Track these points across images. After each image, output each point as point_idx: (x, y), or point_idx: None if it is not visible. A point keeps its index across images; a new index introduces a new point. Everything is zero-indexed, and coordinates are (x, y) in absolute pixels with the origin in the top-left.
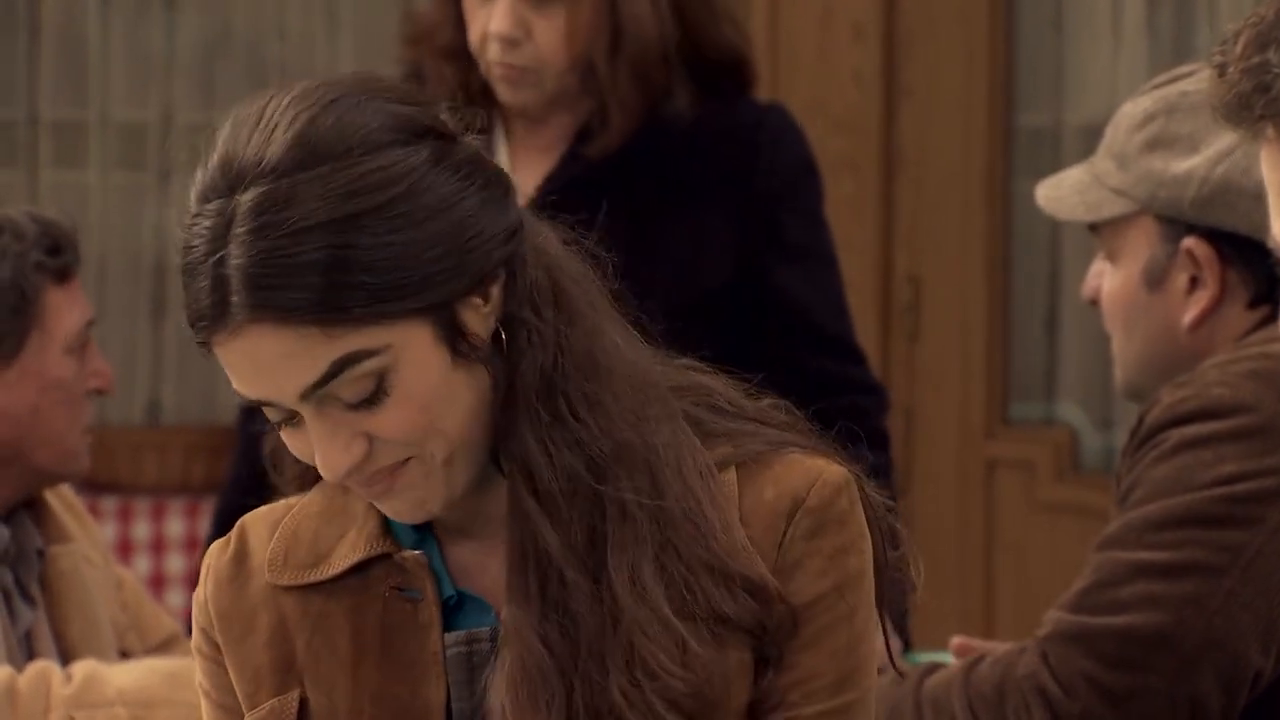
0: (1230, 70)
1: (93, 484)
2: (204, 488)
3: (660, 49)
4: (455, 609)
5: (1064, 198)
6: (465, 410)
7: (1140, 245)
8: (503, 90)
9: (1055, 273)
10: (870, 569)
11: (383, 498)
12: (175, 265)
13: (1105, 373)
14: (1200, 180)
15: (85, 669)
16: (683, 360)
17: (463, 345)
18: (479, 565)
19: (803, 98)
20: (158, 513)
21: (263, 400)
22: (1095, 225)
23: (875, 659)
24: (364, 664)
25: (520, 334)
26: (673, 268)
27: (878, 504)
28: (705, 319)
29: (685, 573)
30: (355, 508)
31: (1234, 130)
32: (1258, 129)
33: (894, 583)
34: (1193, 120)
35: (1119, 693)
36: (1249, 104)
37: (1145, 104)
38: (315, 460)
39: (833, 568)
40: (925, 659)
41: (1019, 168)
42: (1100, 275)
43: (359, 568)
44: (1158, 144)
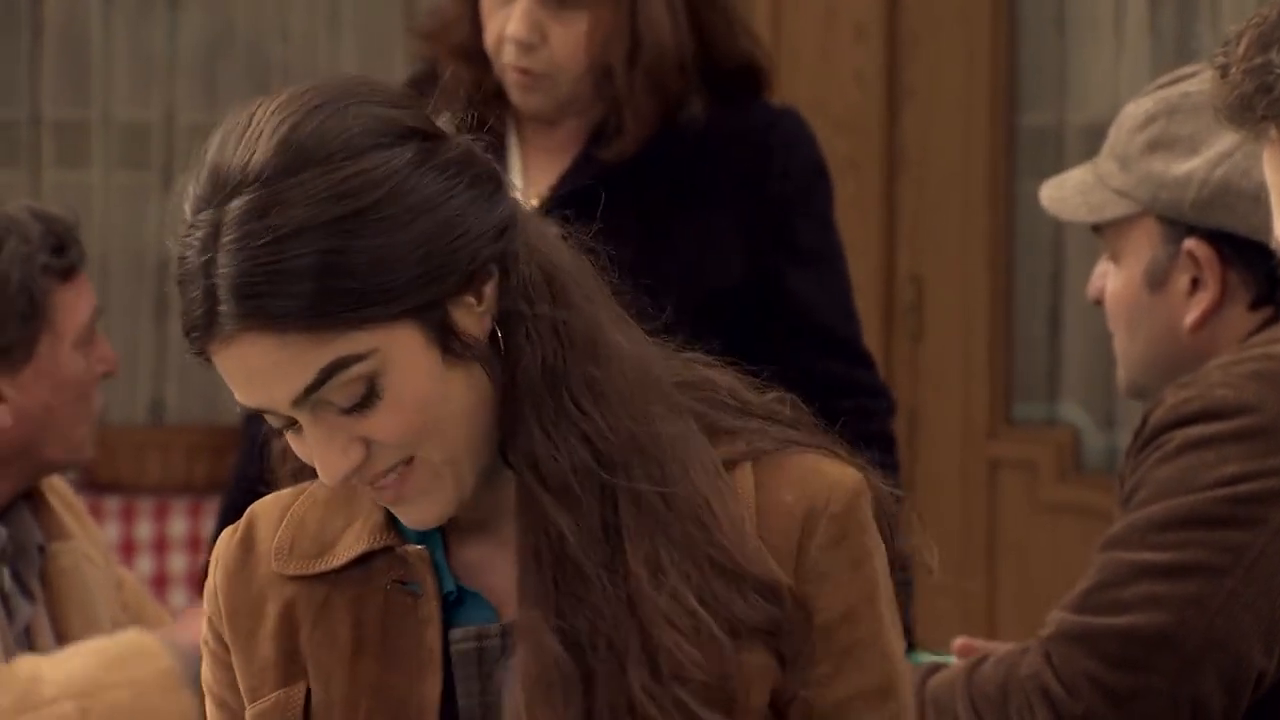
0: (1232, 71)
1: (95, 483)
2: (207, 487)
3: (677, 57)
4: (455, 605)
5: (1067, 198)
6: (462, 410)
7: (1142, 246)
8: (516, 94)
9: (1058, 273)
10: (888, 569)
11: (396, 505)
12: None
13: (1108, 373)
14: (1200, 182)
15: (26, 670)
16: (688, 354)
17: (455, 345)
18: (484, 563)
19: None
20: (160, 512)
21: (259, 408)
22: (1099, 226)
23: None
24: (363, 656)
25: (518, 330)
26: (682, 269)
27: (885, 497)
28: (714, 320)
29: (698, 572)
30: (362, 498)
31: (1236, 131)
32: (1260, 129)
33: (899, 583)
34: (1193, 122)
35: (1122, 693)
36: (1251, 105)
37: (1147, 105)
38: (316, 468)
39: (859, 577)
40: (928, 659)
41: (1021, 168)
42: (1105, 275)
43: (362, 559)
44: (1159, 145)
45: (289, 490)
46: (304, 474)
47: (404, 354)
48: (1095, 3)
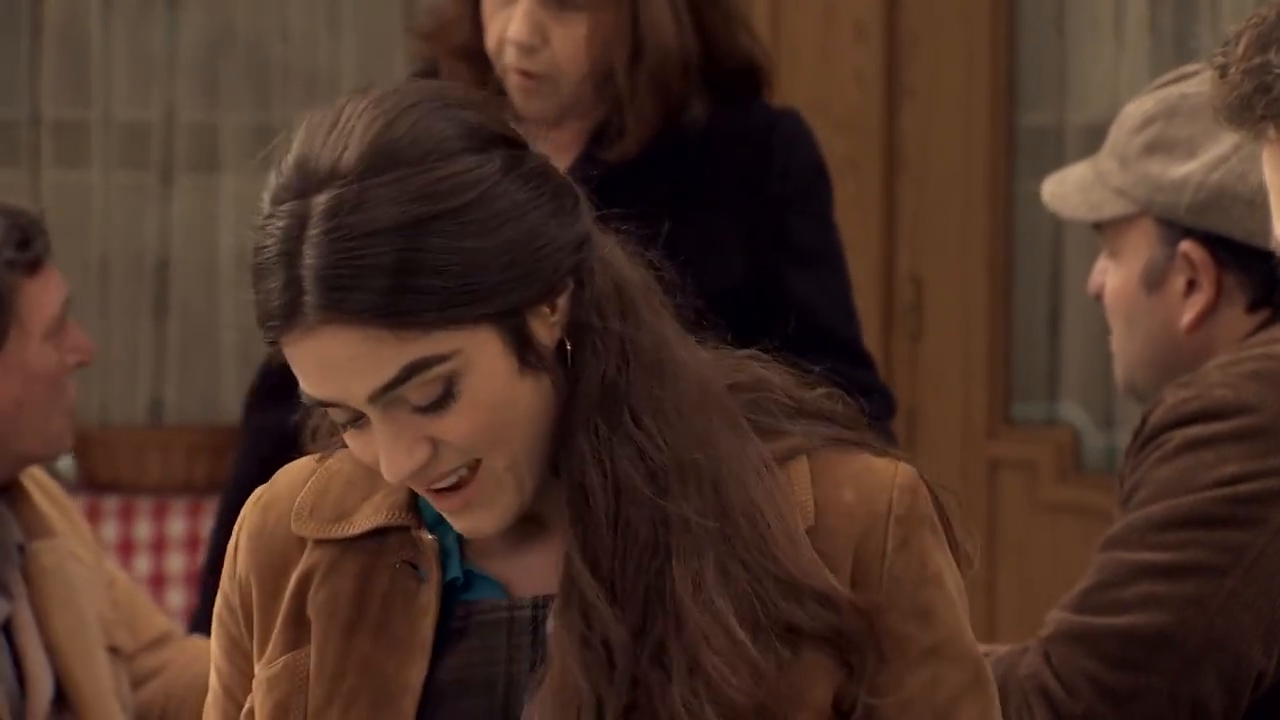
0: (1232, 71)
1: (94, 483)
2: (206, 487)
3: (681, 59)
4: (462, 588)
5: (1068, 195)
6: (529, 418)
7: (1140, 246)
8: (517, 97)
9: (1057, 272)
10: (950, 557)
11: (459, 513)
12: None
13: (1107, 372)
14: (1196, 186)
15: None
16: (743, 352)
17: (529, 354)
18: (502, 549)
19: (804, 98)
20: (159, 512)
21: (330, 401)
22: (1098, 223)
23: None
24: (360, 631)
25: (586, 344)
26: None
27: (933, 487)
28: (716, 321)
29: (752, 584)
30: None
31: (1235, 131)
32: (1259, 130)
33: None
34: (1191, 124)
35: (1121, 693)
36: (1250, 105)
37: (1147, 105)
38: (380, 462)
39: (929, 575)
40: None
41: (1021, 168)
42: (1105, 271)
43: (377, 533)
44: (1156, 147)
45: (313, 458)
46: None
47: (483, 358)
48: (1095, 3)
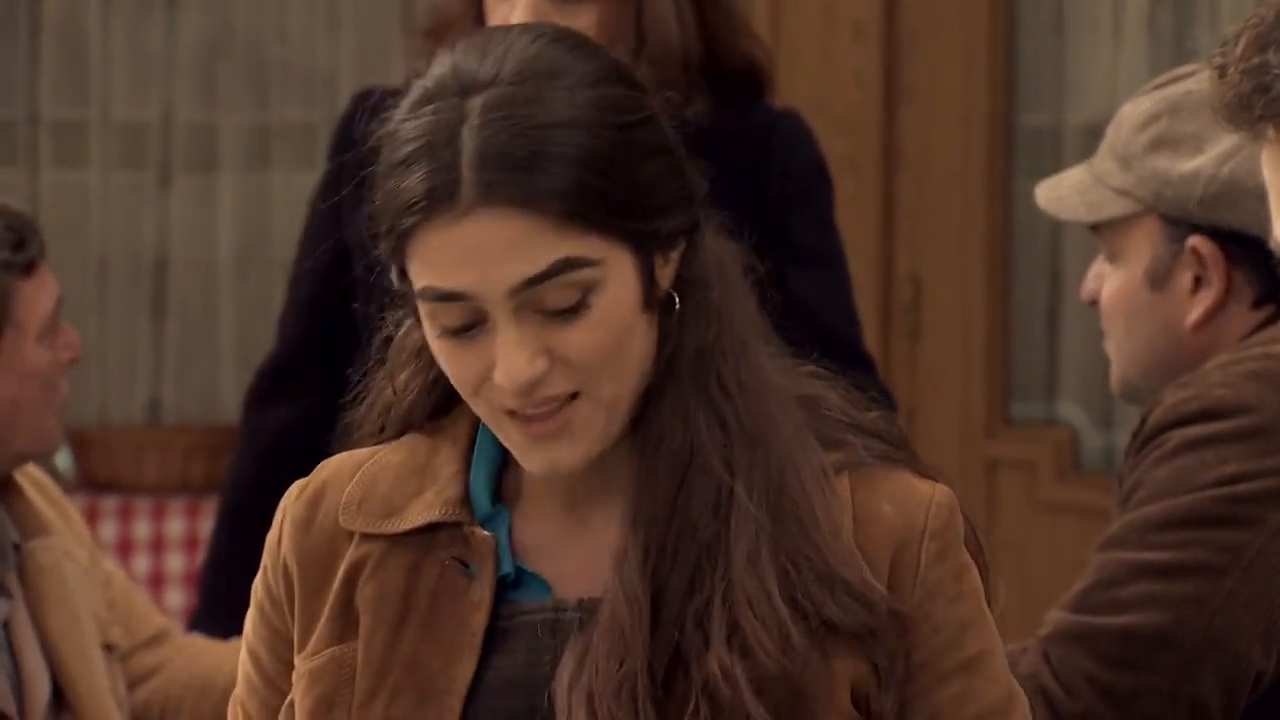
0: (1230, 71)
1: (93, 483)
2: (204, 487)
3: (682, 56)
4: (512, 586)
5: (1064, 198)
6: (635, 357)
7: (1143, 245)
8: None
9: (1056, 272)
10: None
11: (548, 442)
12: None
13: (1106, 372)
14: (1207, 179)
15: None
16: (804, 368)
17: (652, 291)
18: (547, 546)
19: (804, 98)
20: (158, 512)
21: (463, 292)
22: (1096, 226)
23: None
24: (407, 626)
25: (690, 303)
26: None
27: (969, 521)
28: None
29: (794, 569)
30: (441, 469)
31: (1234, 131)
32: (1258, 130)
33: None
34: (1196, 119)
35: (1120, 693)
36: (1249, 105)
37: (1147, 104)
38: (495, 371)
39: (966, 589)
40: None
41: (1020, 167)
42: (1099, 277)
43: (428, 528)
44: (1162, 144)
45: (363, 450)
46: (386, 437)
47: (619, 278)
48: (1094, 3)
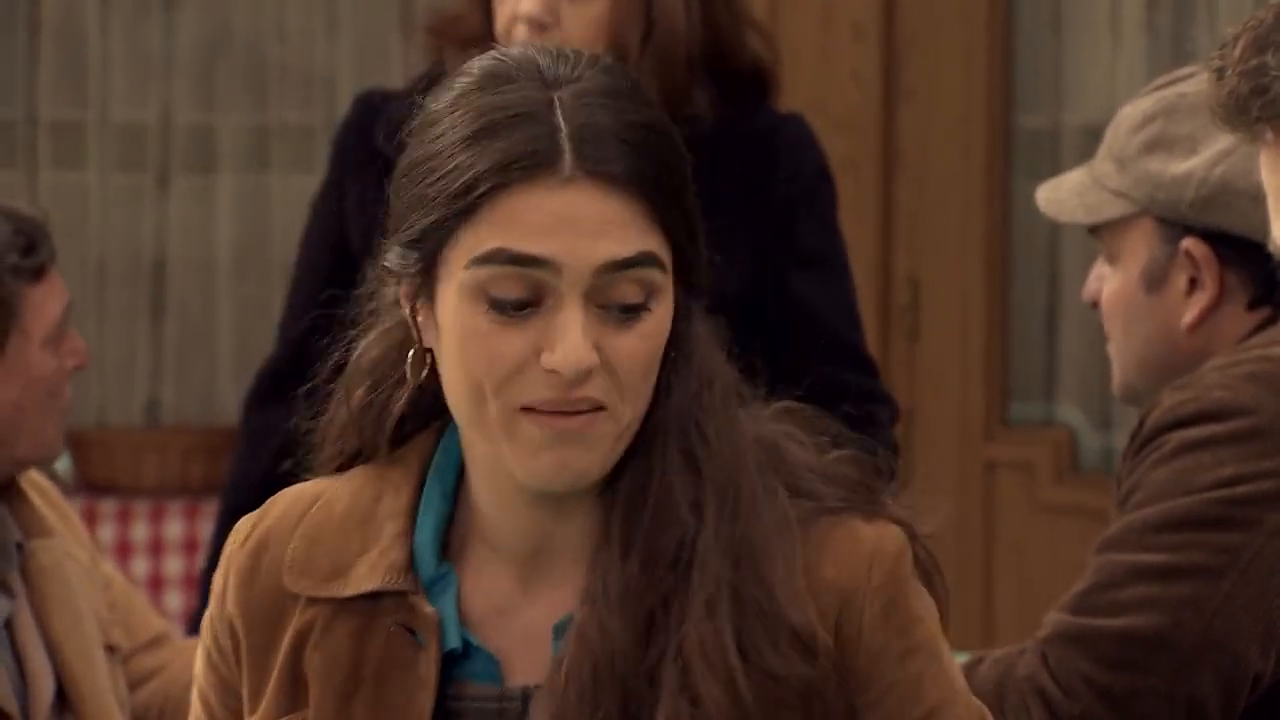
0: (1228, 73)
1: (91, 485)
2: (203, 489)
3: (686, 49)
4: (462, 656)
5: (1063, 200)
6: (650, 390)
7: (1140, 247)
8: None
9: (1054, 273)
10: (937, 618)
11: (566, 440)
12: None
13: (1104, 373)
14: (1199, 181)
15: None
16: (773, 407)
17: (673, 327)
18: (497, 613)
19: (803, 98)
20: (157, 514)
21: (547, 259)
22: (1095, 228)
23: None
24: (355, 698)
25: (680, 358)
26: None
27: (924, 557)
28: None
29: (746, 618)
30: (384, 525)
31: (1231, 133)
32: (1255, 131)
33: None
34: (1192, 121)
35: (1118, 694)
36: (1246, 107)
37: (1144, 106)
38: (549, 354)
39: (915, 643)
40: None
41: (1018, 168)
42: (1100, 278)
43: (373, 594)
44: (1157, 145)
45: (310, 487)
46: (343, 465)
47: (668, 296)
48: (1092, 4)
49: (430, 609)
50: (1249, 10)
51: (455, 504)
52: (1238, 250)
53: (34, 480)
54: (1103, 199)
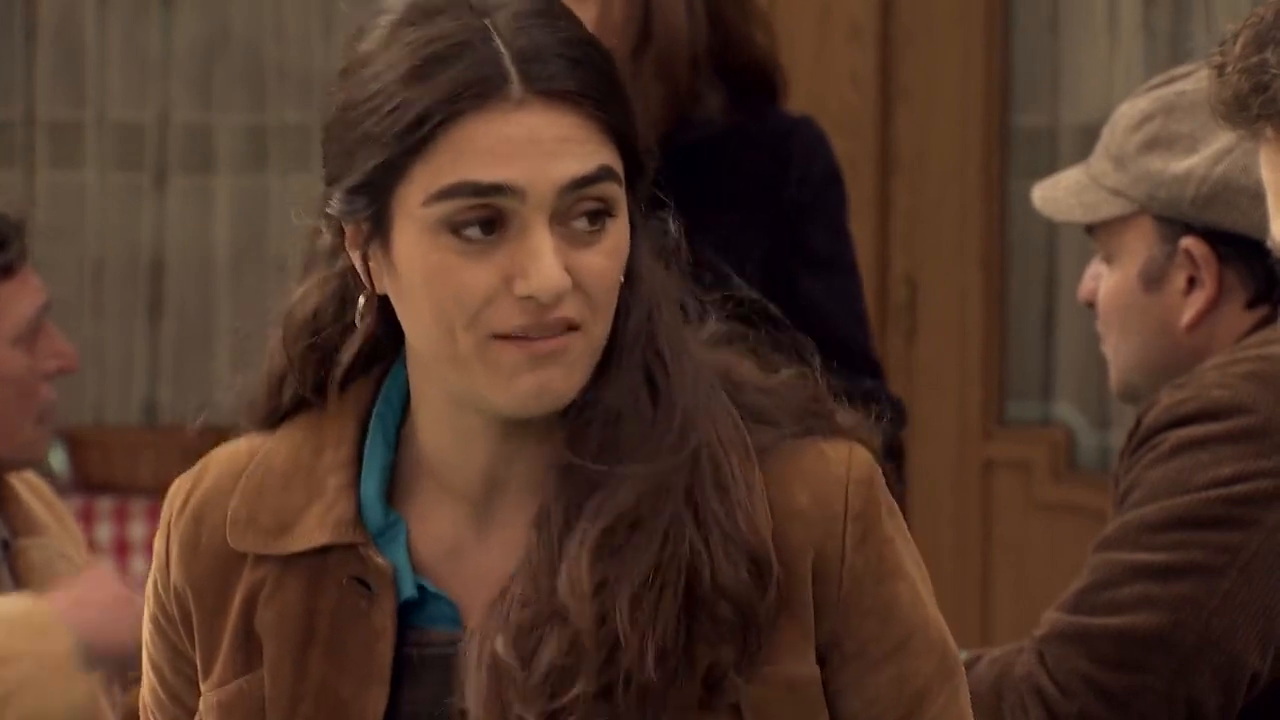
0: (1228, 70)
1: (88, 484)
2: None
3: (689, 50)
4: (417, 604)
5: (1060, 199)
6: (614, 306)
7: (1138, 246)
8: None
9: (1052, 273)
10: (908, 534)
11: (545, 362)
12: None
13: (1102, 373)
14: (1200, 179)
15: None
16: (717, 329)
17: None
18: (450, 554)
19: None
20: (154, 514)
21: (510, 184)
22: (1092, 226)
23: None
24: (311, 652)
25: (632, 279)
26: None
27: (887, 471)
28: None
29: (704, 535)
30: (327, 479)
31: (1231, 130)
32: (1255, 129)
33: None
34: (1191, 119)
35: (1116, 693)
36: (1246, 104)
37: (1142, 105)
38: (522, 281)
39: (889, 566)
40: None
41: (1016, 168)
42: (1096, 278)
43: (322, 549)
44: (1156, 144)
45: (244, 444)
46: (273, 425)
47: (623, 209)
48: (1090, 4)
49: (383, 560)
50: (1246, 10)
51: (397, 452)
52: (1236, 249)
53: (26, 478)
54: (1100, 198)
